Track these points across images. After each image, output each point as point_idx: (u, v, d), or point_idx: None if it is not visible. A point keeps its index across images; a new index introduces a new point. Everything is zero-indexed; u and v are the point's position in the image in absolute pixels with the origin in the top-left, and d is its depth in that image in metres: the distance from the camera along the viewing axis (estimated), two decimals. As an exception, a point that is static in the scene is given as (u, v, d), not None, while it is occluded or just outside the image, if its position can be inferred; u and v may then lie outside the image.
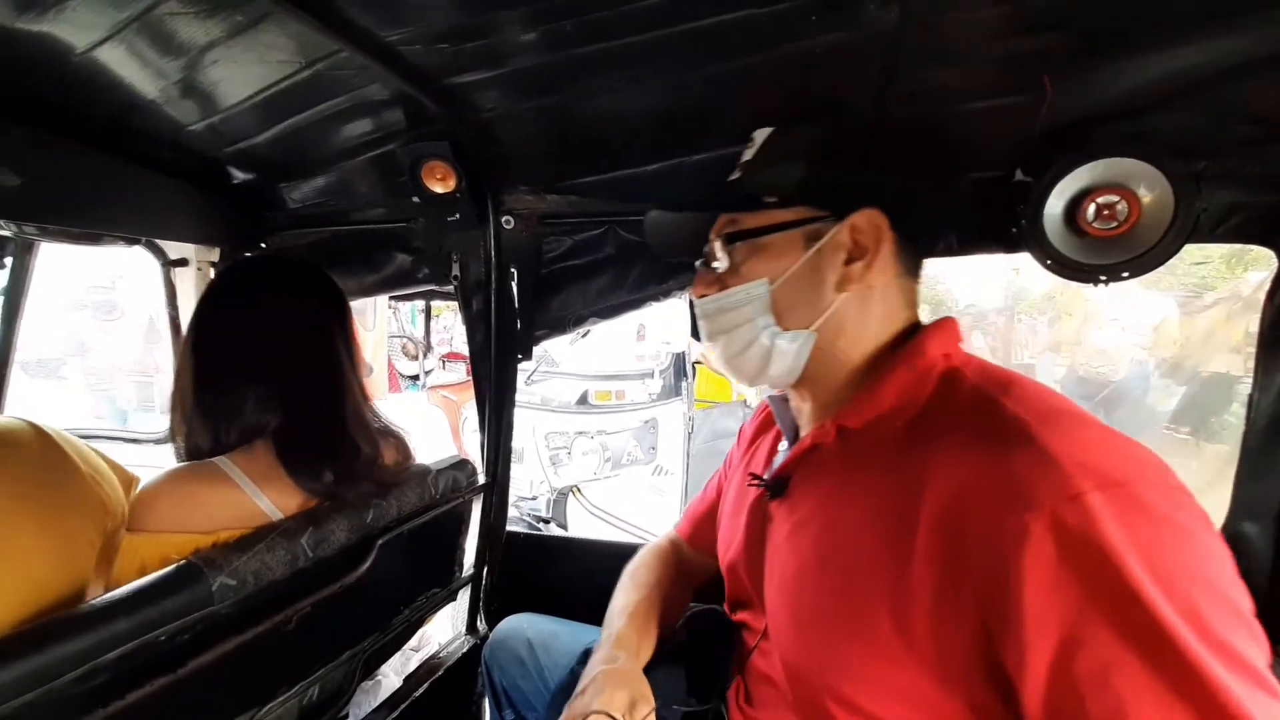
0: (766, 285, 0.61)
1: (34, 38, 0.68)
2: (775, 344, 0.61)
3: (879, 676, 0.51)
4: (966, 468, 0.48)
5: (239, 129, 0.93)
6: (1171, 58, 0.70)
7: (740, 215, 0.64)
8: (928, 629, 0.48)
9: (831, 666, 0.54)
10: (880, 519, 0.53)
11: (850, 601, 0.53)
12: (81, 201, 0.96)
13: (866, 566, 0.52)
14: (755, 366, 0.63)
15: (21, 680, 0.49)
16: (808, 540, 0.60)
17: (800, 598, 0.59)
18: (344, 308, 0.88)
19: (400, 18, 0.67)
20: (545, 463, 3.17)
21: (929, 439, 0.52)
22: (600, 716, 0.65)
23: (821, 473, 0.62)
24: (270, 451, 0.76)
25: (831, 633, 0.54)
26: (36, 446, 0.62)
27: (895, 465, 0.54)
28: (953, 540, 0.47)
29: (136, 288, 4.18)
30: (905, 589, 0.49)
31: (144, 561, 0.65)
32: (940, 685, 0.48)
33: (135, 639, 0.56)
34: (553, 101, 0.85)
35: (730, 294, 0.62)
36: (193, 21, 0.66)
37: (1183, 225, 0.79)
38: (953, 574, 0.47)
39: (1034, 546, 0.42)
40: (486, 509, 1.19)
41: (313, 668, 0.79)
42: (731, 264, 0.63)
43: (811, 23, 0.67)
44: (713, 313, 0.64)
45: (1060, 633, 0.41)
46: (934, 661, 0.48)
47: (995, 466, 0.46)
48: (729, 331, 0.63)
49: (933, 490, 0.49)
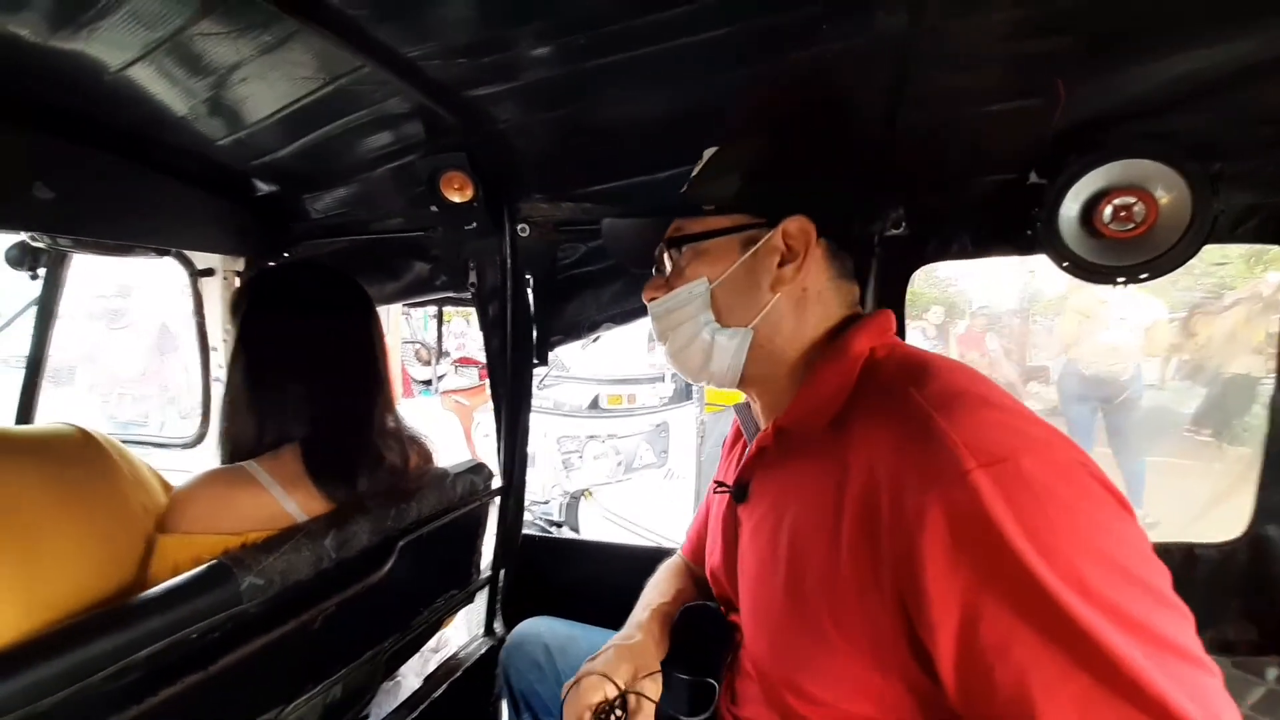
0: (706, 285, 0.66)
1: (69, 56, 0.71)
2: (715, 340, 0.65)
3: (826, 666, 0.53)
4: (877, 456, 0.50)
5: (265, 143, 0.96)
6: (1187, 59, 0.70)
7: (685, 222, 0.69)
8: (858, 616, 0.50)
9: (786, 660, 0.57)
10: (814, 514, 0.55)
11: (797, 596, 0.55)
12: (114, 214, 1.00)
13: (806, 561, 0.55)
14: (698, 362, 0.67)
15: (58, 677, 0.50)
16: (762, 540, 0.63)
17: (759, 596, 0.62)
18: (372, 312, 0.91)
19: (420, 34, 0.69)
20: (558, 466, 3.19)
21: (850, 431, 0.55)
22: (597, 677, 0.69)
23: (769, 474, 0.66)
24: (297, 459, 0.78)
25: (785, 628, 0.57)
26: (83, 451, 0.65)
27: (824, 460, 0.56)
28: (869, 527, 0.49)
29: (139, 298, 4.27)
30: (836, 579, 0.51)
31: (177, 561, 0.67)
32: (877, 670, 0.50)
33: (168, 637, 0.58)
34: (567, 112, 0.87)
35: (675, 294, 0.67)
36: (223, 42, 0.68)
37: (1201, 226, 0.79)
38: (872, 561, 0.49)
39: (931, 527, 0.44)
40: (503, 512, 1.21)
41: (336, 666, 0.81)
42: (676, 267, 0.68)
43: (822, 30, 0.68)
44: (661, 313, 0.69)
45: (960, 610, 0.43)
46: (869, 648, 0.50)
47: (899, 453, 0.48)
48: (675, 329, 0.68)
49: (852, 481, 0.51)
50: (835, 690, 0.53)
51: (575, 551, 1.41)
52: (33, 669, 0.49)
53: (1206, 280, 4.68)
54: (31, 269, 1.27)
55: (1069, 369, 3.76)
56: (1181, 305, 4.54)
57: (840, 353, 0.60)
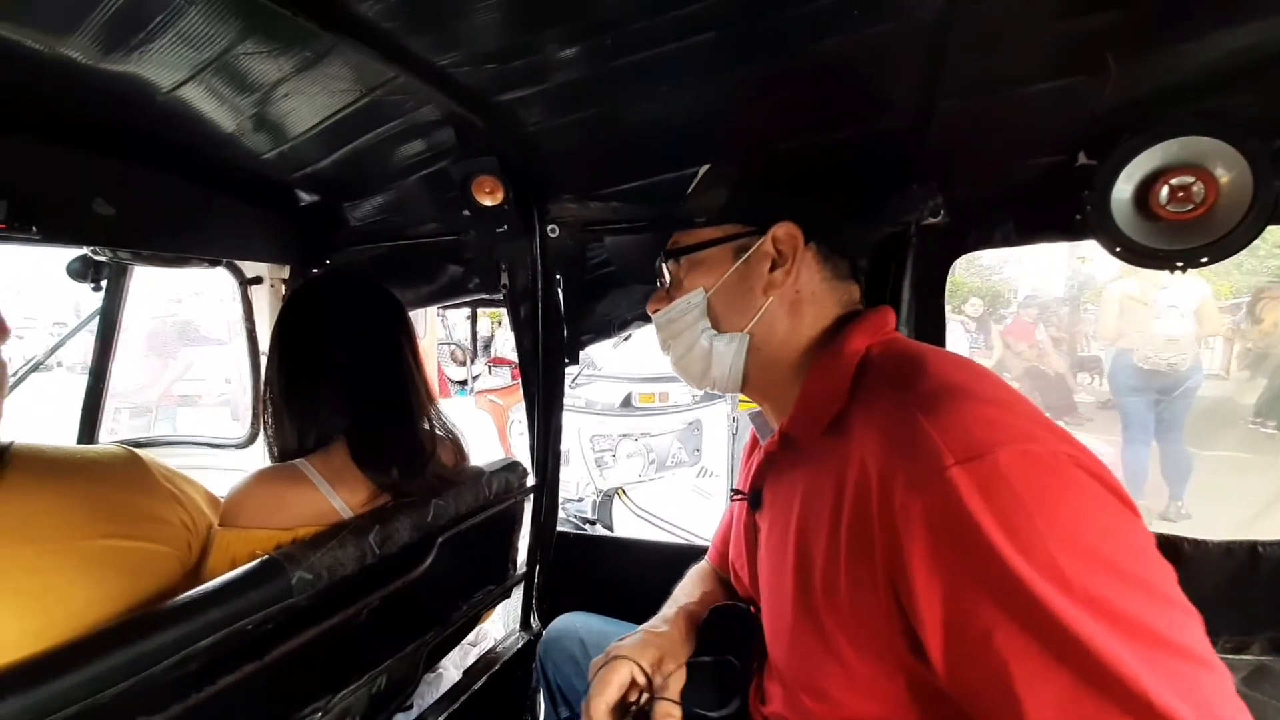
0: (703, 294, 0.68)
1: (123, 78, 0.75)
2: (713, 346, 0.67)
3: (834, 667, 0.53)
4: (869, 456, 0.50)
5: (306, 155, 1.00)
6: (1243, 32, 0.65)
7: (681, 236, 0.72)
8: (859, 616, 0.50)
9: (800, 661, 0.57)
10: (817, 517, 0.55)
11: (805, 599, 0.56)
12: (170, 228, 1.05)
13: (812, 564, 0.55)
14: (699, 368, 0.69)
15: (123, 668, 0.53)
16: (775, 546, 0.64)
17: (774, 600, 0.63)
18: (405, 317, 0.94)
19: (451, 42, 0.70)
20: (590, 465, 3.22)
21: (849, 432, 0.54)
22: (624, 661, 0.70)
23: (779, 479, 0.67)
24: (344, 451, 0.81)
25: (797, 630, 0.57)
26: (128, 470, 0.70)
27: (825, 463, 0.56)
28: (863, 527, 0.49)
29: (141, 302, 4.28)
30: (838, 581, 0.52)
31: (234, 555, 0.70)
32: (882, 669, 0.50)
33: (225, 628, 0.61)
34: (594, 112, 0.87)
35: (675, 305, 0.70)
36: (265, 60, 0.71)
37: (1264, 206, 0.74)
38: (868, 560, 0.49)
39: (914, 526, 0.44)
40: (537, 509, 1.23)
41: (381, 658, 0.84)
42: (675, 279, 0.71)
43: (853, 18, 0.66)
44: (663, 324, 0.71)
45: (944, 606, 0.43)
46: (872, 648, 0.50)
47: (887, 452, 0.48)
48: (675, 338, 0.70)
49: (849, 482, 0.51)
50: (845, 690, 0.53)
51: (608, 548, 1.42)
52: (99, 660, 0.52)
53: (1272, 263, 4.38)
54: (94, 281, 1.36)
55: (1121, 360, 3.57)
56: (1247, 290, 4.27)
57: (835, 353, 0.61)
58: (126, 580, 0.64)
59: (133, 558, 0.66)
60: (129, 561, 0.65)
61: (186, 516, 0.73)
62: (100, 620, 0.60)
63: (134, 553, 0.66)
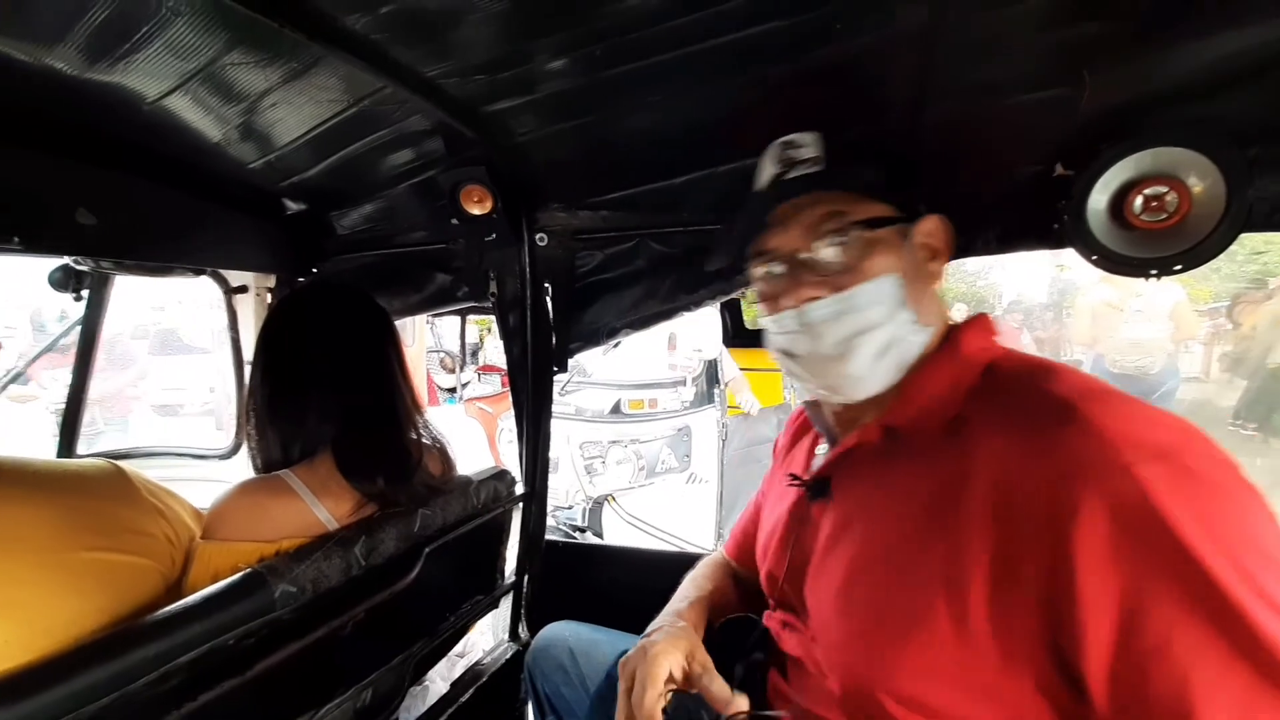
0: (898, 280, 0.59)
1: (109, 88, 0.74)
2: (908, 339, 0.60)
3: (938, 668, 0.51)
4: (1017, 451, 0.49)
5: (293, 164, 1.00)
6: (1218, 43, 0.68)
7: (847, 208, 0.60)
8: (986, 615, 0.48)
9: (887, 663, 0.54)
10: (929, 512, 0.53)
11: (903, 596, 0.53)
12: (154, 237, 1.04)
13: (918, 560, 0.53)
14: (865, 367, 0.59)
15: (102, 684, 0.52)
16: (854, 539, 0.60)
17: (849, 596, 0.59)
18: (390, 325, 0.93)
19: (440, 53, 0.70)
20: (580, 472, 3.20)
21: (974, 430, 0.53)
22: (665, 656, 0.65)
23: (865, 471, 0.63)
24: (329, 461, 0.81)
25: (885, 629, 0.54)
26: (112, 486, 0.70)
27: (941, 459, 0.54)
28: (1007, 524, 0.48)
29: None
30: (960, 577, 0.49)
31: (216, 569, 0.69)
32: (1003, 670, 0.48)
33: (207, 643, 0.60)
34: (583, 122, 0.88)
35: (859, 290, 0.58)
36: (252, 70, 0.71)
37: (1237, 214, 0.76)
38: (1009, 557, 0.47)
39: (1088, 522, 0.43)
40: (526, 518, 1.22)
41: (366, 671, 0.83)
42: (844, 261, 0.59)
43: (839, 28, 0.67)
44: (829, 317, 0.59)
45: (1120, 606, 0.42)
46: (994, 647, 0.48)
47: (1045, 447, 0.47)
48: (857, 335, 0.59)
49: (982, 478, 0.50)
50: (945, 692, 0.51)
51: (598, 556, 1.42)
52: (79, 676, 0.51)
53: (1250, 268, 4.49)
54: (75, 291, 1.34)
55: (1098, 364, 3.64)
56: (1226, 295, 4.36)
57: (952, 353, 0.59)
58: (109, 593, 0.63)
59: (116, 571, 0.65)
60: (112, 574, 0.64)
61: (170, 530, 0.72)
62: (83, 633, 0.59)
63: (117, 566, 0.65)
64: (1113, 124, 0.79)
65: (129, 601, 0.65)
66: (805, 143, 0.64)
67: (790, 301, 0.61)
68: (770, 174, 0.66)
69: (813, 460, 0.74)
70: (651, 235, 1.12)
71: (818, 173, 0.63)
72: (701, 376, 3.46)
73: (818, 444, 0.76)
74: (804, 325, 0.60)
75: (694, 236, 1.10)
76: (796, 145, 0.65)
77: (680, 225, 1.10)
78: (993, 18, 0.65)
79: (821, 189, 0.62)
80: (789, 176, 0.64)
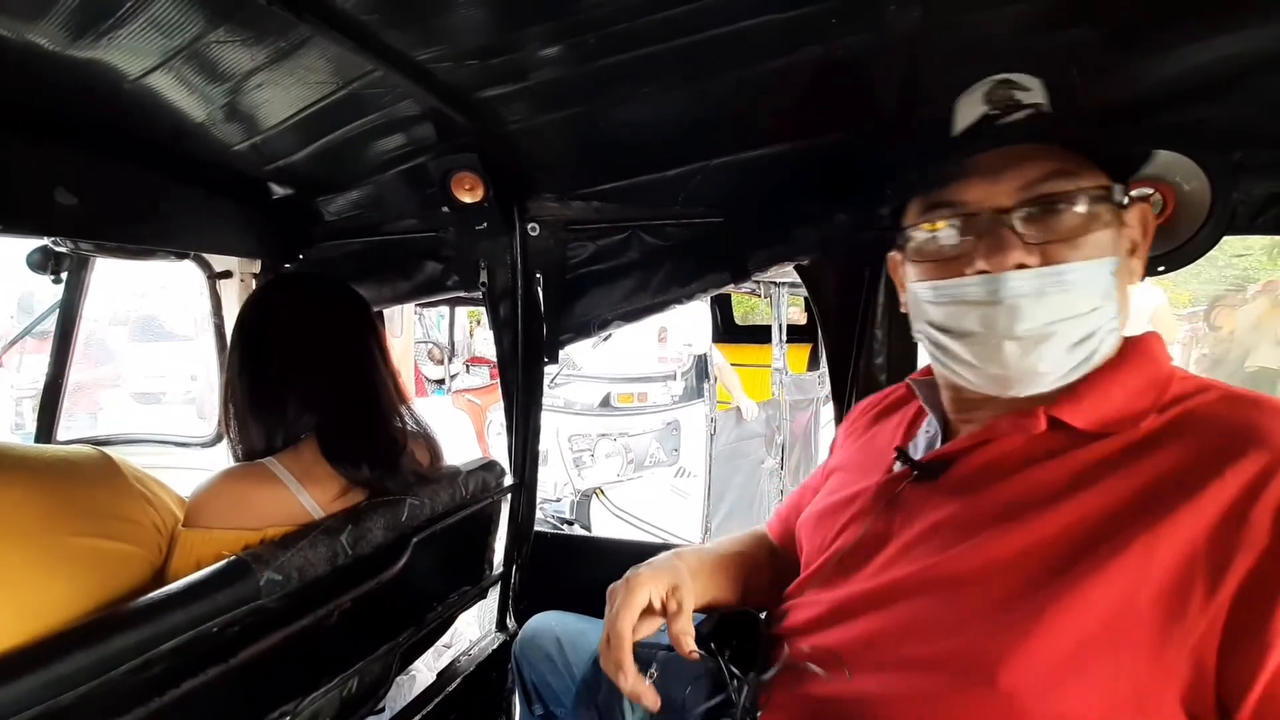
0: (1114, 264, 0.53)
1: (88, 65, 0.72)
2: (1106, 341, 0.54)
3: (1072, 659, 0.47)
4: (1243, 462, 0.46)
5: (279, 147, 0.98)
6: (1204, 48, 0.68)
7: (1075, 169, 0.52)
8: (1151, 634, 0.45)
9: (1009, 664, 0.49)
10: (1104, 520, 0.49)
11: (1054, 604, 0.48)
12: (135, 219, 1.02)
13: (1080, 569, 0.48)
14: (1071, 366, 0.53)
15: (82, 671, 0.52)
16: (986, 531, 0.54)
17: (968, 592, 0.53)
18: (370, 314, 0.93)
19: (431, 37, 0.69)
20: (569, 465, 3.20)
21: (1175, 439, 0.50)
22: (644, 586, 0.64)
23: (1015, 462, 0.56)
24: (314, 448, 0.80)
25: (1022, 631, 0.49)
26: (99, 471, 0.69)
27: (1127, 465, 0.50)
28: (1220, 536, 0.45)
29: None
30: (1133, 594, 0.46)
31: (199, 557, 0.69)
32: (1149, 679, 0.46)
33: (189, 631, 0.60)
34: (576, 111, 0.87)
35: (1071, 269, 0.51)
36: (238, 49, 0.70)
37: (1221, 217, 0.77)
38: (1208, 572, 0.45)
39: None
40: (515, 509, 1.22)
41: (352, 660, 0.82)
42: (1065, 229, 0.52)
43: (832, 25, 0.67)
44: (1033, 291, 0.51)
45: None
46: (1147, 651, 0.46)
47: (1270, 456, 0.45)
48: (1060, 320, 0.52)
49: (1187, 490, 0.47)
50: (1077, 692, 0.47)
51: (586, 548, 1.42)
52: (57, 663, 0.51)
53: (1229, 272, 4.59)
54: (54, 273, 1.31)
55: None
56: (1205, 298, 4.45)
57: (1146, 362, 0.54)
58: (97, 579, 0.63)
59: (104, 557, 0.65)
60: (100, 561, 0.64)
61: (157, 518, 0.72)
62: (71, 618, 0.59)
63: (105, 552, 0.65)
64: (1099, 127, 0.80)
65: (116, 588, 0.65)
66: (1029, 85, 0.56)
67: (985, 265, 0.52)
68: (978, 113, 0.57)
69: (912, 438, 0.69)
70: (644, 227, 1.12)
71: (1050, 119, 0.55)
72: (691, 371, 3.47)
73: (919, 423, 0.70)
74: (998, 296, 0.52)
75: (686, 229, 1.10)
76: (1018, 85, 0.56)
77: (673, 218, 1.10)
78: (983, 20, 0.66)
79: (1057, 141, 0.53)
80: (1010, 119, 0.55)
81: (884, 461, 0.68)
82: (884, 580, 0.59)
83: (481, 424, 4.17)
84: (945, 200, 0.56)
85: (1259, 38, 0.65)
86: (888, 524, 0.62)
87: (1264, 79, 0.70)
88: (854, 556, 0.64)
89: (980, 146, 0.55)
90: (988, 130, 0.56)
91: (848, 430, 0.83)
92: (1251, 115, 0.75)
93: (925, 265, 0.58)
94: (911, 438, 0.70)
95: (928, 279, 0.58)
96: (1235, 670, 0.43)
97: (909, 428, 0.72)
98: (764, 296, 3.17)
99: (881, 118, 0.84)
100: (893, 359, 1.01)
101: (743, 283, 1.12)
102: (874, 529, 0.63)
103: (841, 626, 0.61)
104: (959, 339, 0.56)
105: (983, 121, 0.56)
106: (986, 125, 0.56)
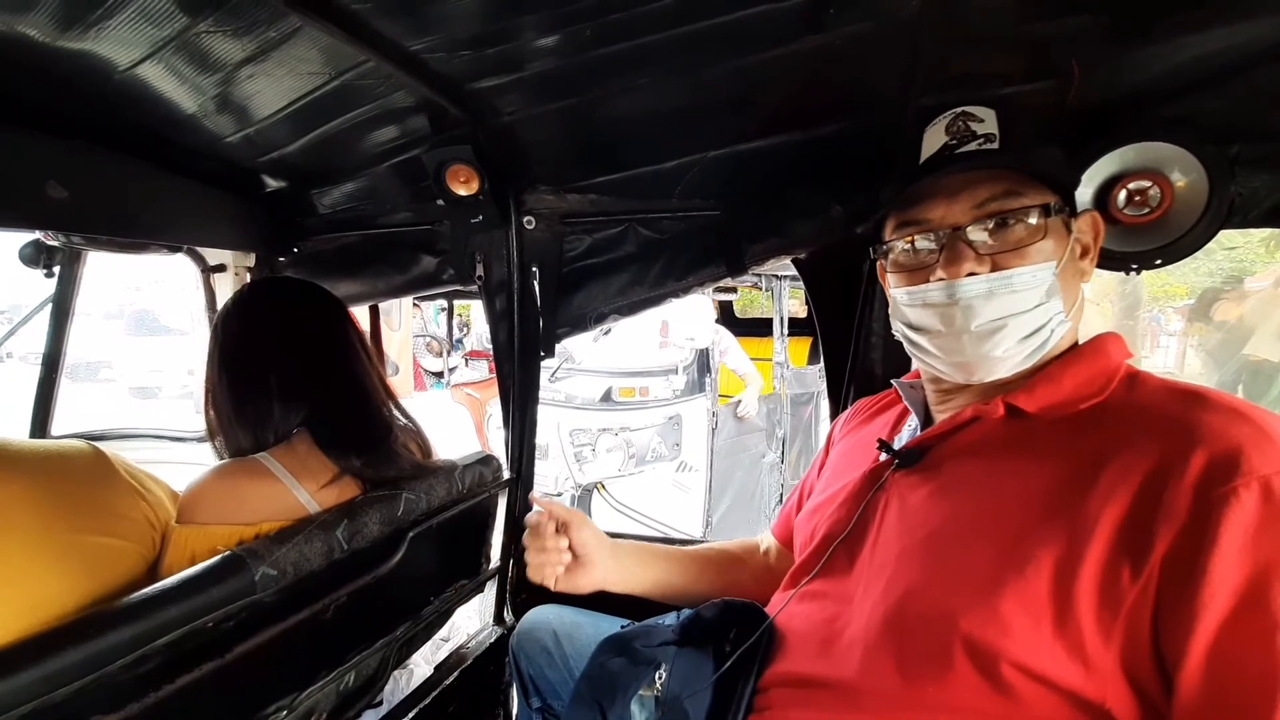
0: (1054, 268, 0.60)
1: (78, 56, 0.71)
2: (1055, 332, 0.61)
3: (1025, 609, 0.52)
4: (1168, 445, 0.51)
5: (272, 139, 0.97)
6: (1204, 41, 0.68)
7: (1021, 189, 0.61)
8: (1095, 578, 0.50)
9: (973, 594, 0.54)
10: (1050, 492, 0.55)
11: (1007, 562, 0.54)
12: (127, 212, 1.01)
13: (1031, 533, 0.54)
14: (1025, 356, 0.62)
15: (76, 667, 0.52)
16: (954, 504, 0.61)
17: (937, 556, 0.59)
18: (345, 311, 0.94)
19: (424, 27, 0.69)
20: (570, 459, 3.20)
21: (1114, 424, 0.56)
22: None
23: (979, 445, 0.63)
24: (307, 440, 0.80)
25: (981, 587, 0.54)
26: (92, 467, 0.69)
27: (1070, 445, 0.56)
28: (1144, 512, 0.49)
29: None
30: (1074, 557, 0.51)
31: (194, 552, 0.68)
32: (1092, 633, 0.50)
33: (184, 625, 0.60)
34: (572, 103, 0.87)
35: (1016, 274, 0.60)
36: (228, 39, 0.69)
37: (1218, 210, 0.77)
38: (1136, 544, 0.49)
39: (1237, 510, 0.46)
40: (511, 504, 1.22)
41: (349, 654, 0.83)
42: (1011, 241, 0.61)
43: (830, 15, 0.67)
44: (984, 294, 0.60)
45: (1247, 580, 0.45)
46: (1091, 609, 0.50)
47: (1207, 442, 0.49)
48: (1009, 316, 0.60)
49: (1119, 468, 0.52)
50: (1029, 639, 0.51)
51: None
52: (51, 658, 0.51)
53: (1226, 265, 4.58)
54: (46, 267, 1.30)
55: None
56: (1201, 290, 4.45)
57: (1097, 354, 0.61)
58: (92, 574, 0.63)
59: (98, 552, 0.65)
60: (94, 555, 0.64)
61: (151, 513, 0.72)
62: (65, 613, 0.59)
63: (99, 547, 0.65)
64: (1097, 118, 0.79)
65: (111, 583, 0.65)
66: (983, 116, 0.65)
67: (943, 274, 0.62)
68: (940, 143, 0.66)
69: (897, 434, 0.76)
70: (640, 220, 1.11)
71: (997, 150, 0.63)
72: (693, 365, 3.46)
73: (904, 421, 0.77)
74: (955, 299, 0.61)
75: (683, 222, 1.10)
76: (974, 118, 0.65)
77: (669, 211, 1.10)
78: (980, 10, 0.65)
79: (1006, 167, 0.62)
80: (965, 149, 0.64)
81: (870, 455, 0.73)
82: (872, 562, 0.65)
83: (481, 418, 4.16)
84: (913, 219, 0.65)
85: (1257, 30, 0.65)
86: (872, 509, 0.68)
87: (1261, 72, 0.69)
88: (843, 544, 0.69)
89: (941, 172, 0.64)
90: (947, 158, 0.65)
91: (842, 430, 0.88)
92: (1250, 108, 0.75)
93: (900, 274, 0.68)
94: (897, 434, 0.77)
95: (902, 285, 0.67)
96: (1170, 638, 0.47)
97: (895, 425, 0.79)
98: (764, 290, 3.16)
99: (880, 108, 0.84)
100: (889, 353, 1.01)
101: (740, 276, 1.12)
102: (862, 516, 0.69)
103: (831, 610, 0.66)
104: (927, 335, 0.65)
105: (943, 150, 0.66)
106: (947, 153, 0.65)
